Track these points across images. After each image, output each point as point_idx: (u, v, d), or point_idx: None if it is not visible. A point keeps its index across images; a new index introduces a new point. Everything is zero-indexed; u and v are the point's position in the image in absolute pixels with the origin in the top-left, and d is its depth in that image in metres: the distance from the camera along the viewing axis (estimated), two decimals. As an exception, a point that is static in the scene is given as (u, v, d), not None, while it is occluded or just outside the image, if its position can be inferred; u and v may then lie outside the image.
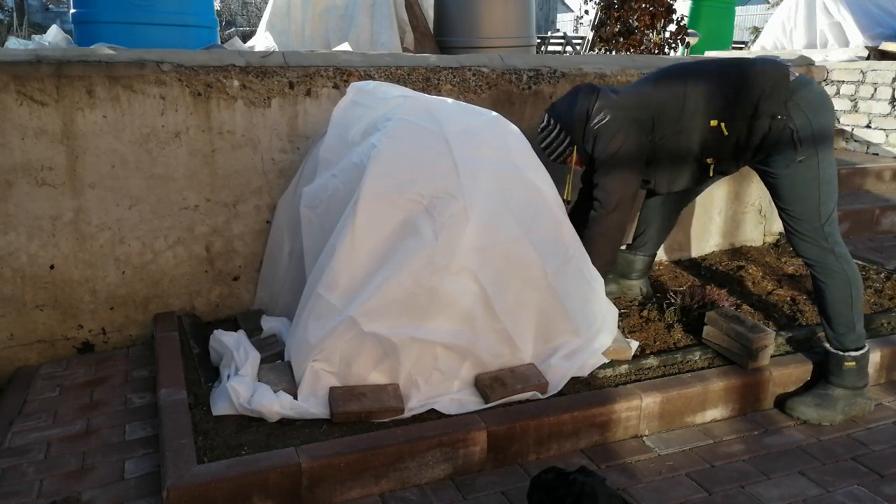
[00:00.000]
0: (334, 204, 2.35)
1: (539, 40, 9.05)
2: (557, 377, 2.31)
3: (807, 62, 3.72)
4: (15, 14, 13.82)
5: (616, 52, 7.92)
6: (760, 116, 2.37)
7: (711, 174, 2.60)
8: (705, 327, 2.59)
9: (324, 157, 2.53)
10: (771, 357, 2.48)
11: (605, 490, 1.74)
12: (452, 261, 2.18)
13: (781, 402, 2.44)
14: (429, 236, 2.18)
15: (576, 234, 2.51)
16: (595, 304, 2.51)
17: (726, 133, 2.43)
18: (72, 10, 5.34)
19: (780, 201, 2.43)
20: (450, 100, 2.63)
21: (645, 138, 2.53)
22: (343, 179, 2.37)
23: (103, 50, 2.67)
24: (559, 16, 25.11)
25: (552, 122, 2.64)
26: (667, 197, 2.91)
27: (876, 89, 5.42)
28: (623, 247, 3.07)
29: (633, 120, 2.52)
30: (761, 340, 2.40)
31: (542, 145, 2.68)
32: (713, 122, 2.44)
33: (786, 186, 2.39)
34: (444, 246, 2.18)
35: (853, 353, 2.37)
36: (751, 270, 3.39)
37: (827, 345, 2.43)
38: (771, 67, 2.43)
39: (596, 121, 2.54)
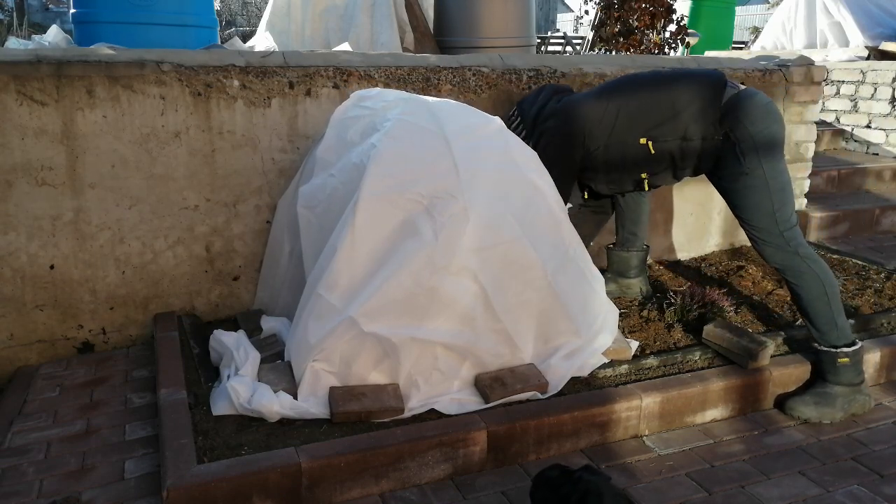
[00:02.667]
0: (333, 204, 2.35)
1: (539, 40, 9.05)
2: (557, 377, 2.31)
3: (807, 62, 3.72)
4: (15, 14, 13.81)
5: (616, 52, 7.92)
6: (691, 139, 2.45)
7: (647, 188, 2.67)
8: (705, 327, 2.60)
9: (321, 157, 2.53)
10: (771, 357, 2.48)
11: (610, 489, 1.73)
12: (452, 261, 2.18)
13: (781, 402, 2.44)
14: (429, 236, 2.18)
15: (576, 234, 2.52)
16: (595, 304, 2.51)
17: (653, 152, 2.51)
18: (72, 10, 5.34)
19: (736, 211, 2.49)
20: (451, 101, 2.63)
21: (577, 149, 2.60)
22: (342, 179, 2.36)
23: (103, 50, 2.67)
24: (559, 16, 25.11)
25: (515, 114, 2.82)
26: (629, 193, 2.96)
27: (876, 89, 5.42)
28: (611, 245, 3.14)
29: (566, 133, 2.60)
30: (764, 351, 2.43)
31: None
32: (642, 140, 2.51)
33: (738, 198, 2.46)
34: (444, 246, 2.18)
35: (846, 350, 2.37)
36: (751, 270, 3.39)
37: (816, 344, 2.43)
38: (705, 87, 2.47)
39: (542, 125, 2.68)
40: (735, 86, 2.47)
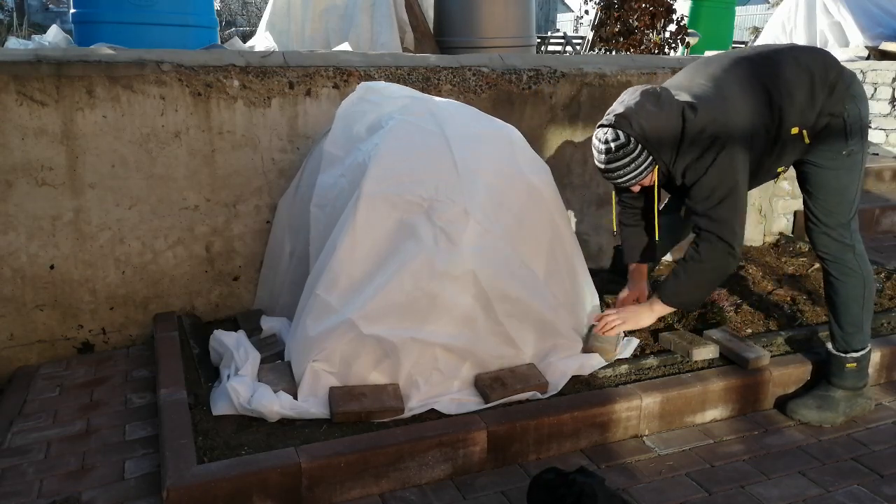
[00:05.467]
0: (340, 203, 2.34)
1: (539, 40, 9.04)
2: (557, 377, 2.31)
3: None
4: (15, 14, 13.82)
5: (616, 52, 7.92)
6: (822, 115, 2.23)
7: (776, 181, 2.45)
8: (705, 332, 2.59)
9: (328, 150, 2.51)
10: (771, 357, 2.48)
11: (604, 490, 1.75)
12: (452, 264, 2.18)
13: (781, 404, 2.43)
14: (428, 239, 2.18)
15: (574, 237, 2.51)
16: (595, 305, 2.51)
17: (808, 141, 2.24)
18: (72, 10, 5.34)
19: (817, 192, 2.30)
20: (456, 102, 2.62)
21: (748, 157, 2.23)
22: (350, 179, 2.36)
23: (103, 50, 2.67)
24: (559, 16, 25.08)
25: (630, 139, 2.15)
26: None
27: (876, 89, 5.42)
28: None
29: (738, 143, 2.18)
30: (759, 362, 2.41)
31: (615, 165, 2.20)
32: (794, 131, 2.22)
33: (828, 178, 2.27)
34: (444, 248, 2.18)
35: (855, 355, 2.35)
36: (751, 270, 3.39)
37: (830, 345, 2.41)
38: (833, 59, 2.27)
39: (701, 146, 2.16)
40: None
